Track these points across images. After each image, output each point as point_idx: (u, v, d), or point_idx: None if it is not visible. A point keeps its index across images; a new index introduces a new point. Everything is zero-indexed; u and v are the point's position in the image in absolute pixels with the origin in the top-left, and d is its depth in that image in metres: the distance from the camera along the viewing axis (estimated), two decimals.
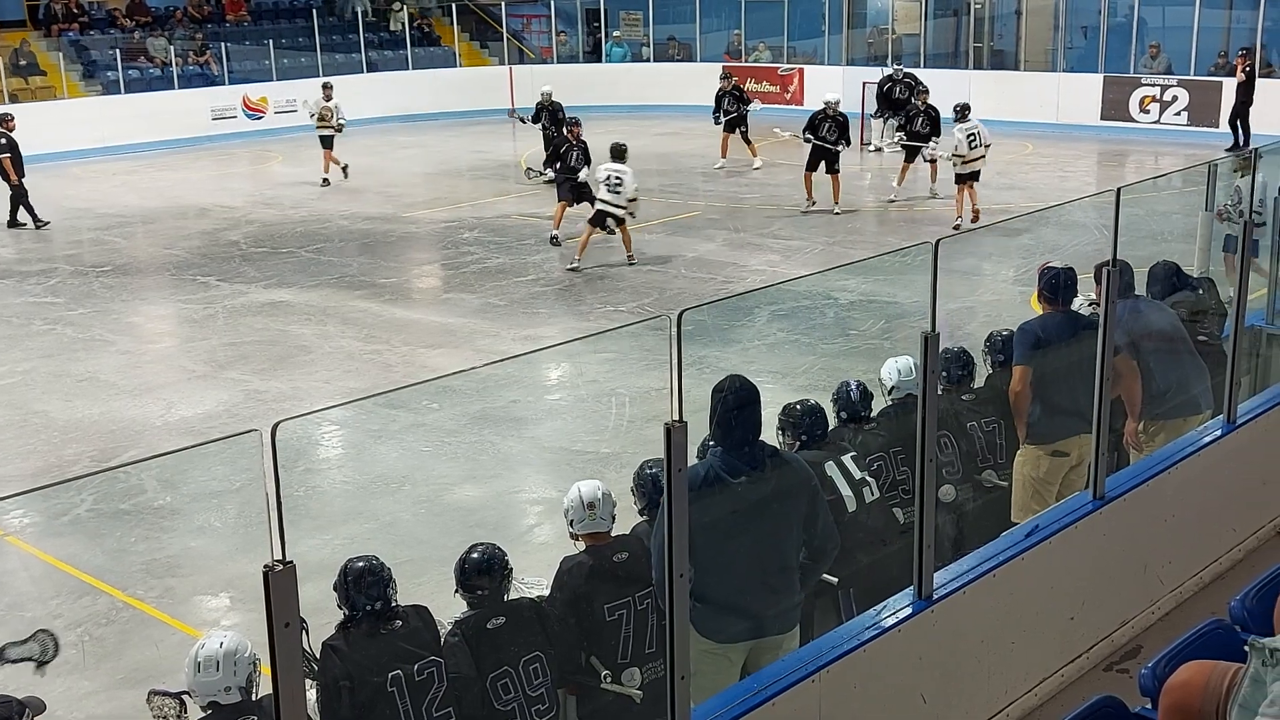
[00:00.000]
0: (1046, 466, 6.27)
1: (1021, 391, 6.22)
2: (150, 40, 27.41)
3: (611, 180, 14.75)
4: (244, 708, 4.29)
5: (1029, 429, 6.26)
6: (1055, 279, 6.30)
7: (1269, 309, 8.20)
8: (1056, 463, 6.26)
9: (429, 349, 11.91)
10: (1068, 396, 6.24)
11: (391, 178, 21.58)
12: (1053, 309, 6.34)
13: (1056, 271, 6.35)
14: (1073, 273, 6.41)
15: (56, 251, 16.59)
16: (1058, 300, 6.33)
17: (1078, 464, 6.24)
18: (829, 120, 17.66)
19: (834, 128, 17.61)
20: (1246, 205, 11.76)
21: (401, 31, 29.72)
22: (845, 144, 17.73)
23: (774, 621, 4.82)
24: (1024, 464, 6.34)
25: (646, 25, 31.43)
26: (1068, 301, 6.37)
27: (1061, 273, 6.36)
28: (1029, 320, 6.54)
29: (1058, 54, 27.10)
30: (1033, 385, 6.22)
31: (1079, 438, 6.19)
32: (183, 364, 11.69)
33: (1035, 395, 6.24)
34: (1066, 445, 6.22)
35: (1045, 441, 6.26)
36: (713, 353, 10.46)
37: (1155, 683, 3.47)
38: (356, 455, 9.53)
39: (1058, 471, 6.26)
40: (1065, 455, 6.24)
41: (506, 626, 4.66)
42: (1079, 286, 6.47)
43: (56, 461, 9.26)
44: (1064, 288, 6.34)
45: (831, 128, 17.60)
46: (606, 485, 5.08)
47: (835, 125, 17.63)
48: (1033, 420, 6.25)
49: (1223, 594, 5.25)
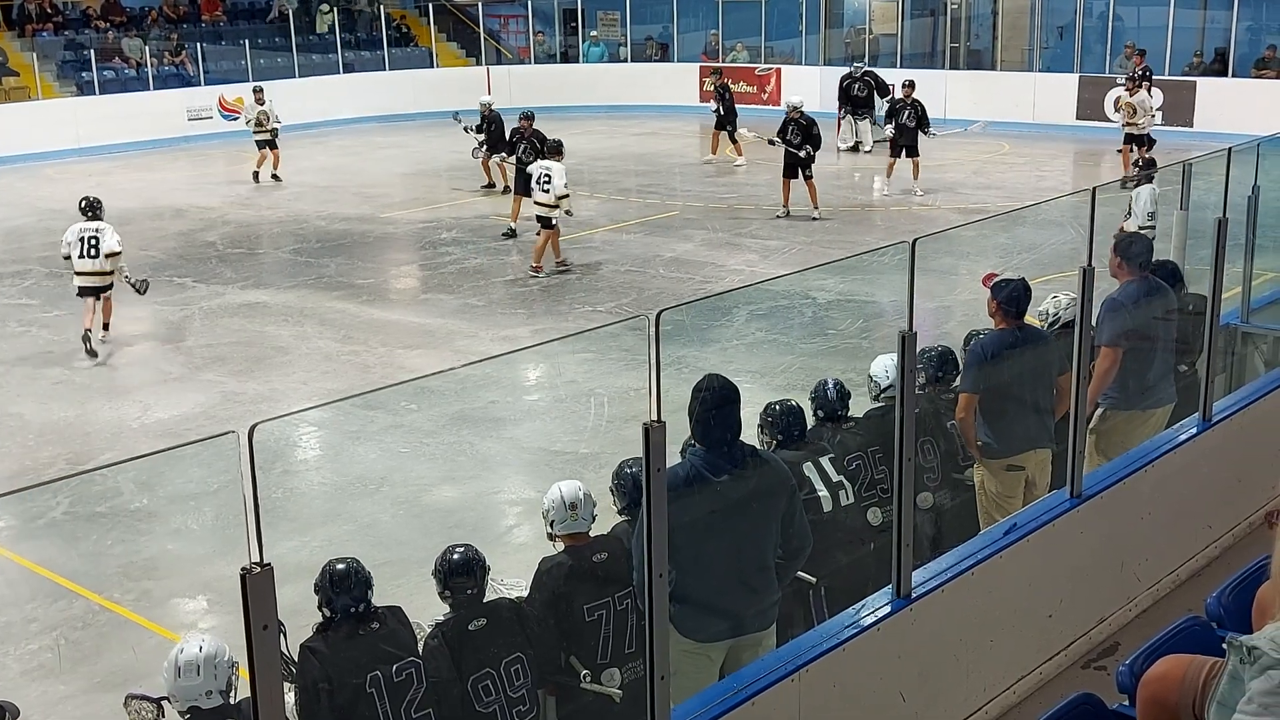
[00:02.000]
0: (1002, 481, 6.24)
1: (965, 419, 6.17)
2: (125, 41, 27.26)
3: (541, 178, 14.42)
4: (224, 711, 4.27)
5: (982, 447, 6.22)
6: (1014, 292, 6.24)
7: (1243, 307, 8.25)
8: (1012, 477, 6.23)
9: (407, 350, 11.88)
10: (1022, 411, 6.25)
11: (369, 178, 21.52)
12: (1007, 323, 6.29)
13: (1014, 285, 6.29)
14: (1025, 284, 6.35)
15: (31, 253, 16.46)
16: (1014, 314, 6.28)
17: (1033, 477, 6.23)
18: (792, 124, 17.19)
19: (796, 131, 17.09)
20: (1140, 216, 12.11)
21: (329, 34, 29.51)
22: (811, 147, 17.07)
23: (753, 620, 4.83)
24: (981, 481, 6.32)
25: (624, 25, 31.43)
26: (1022, 314, 6.34)
27: (1018, 285, 6.31)
28: (979, 339, 6.49)
29: (1034, 54, 27.23)
30: (981, 406, 6.16)
31: (1034, 452, 6.21)
32: (159, 366, 11.64)
33: (989, 412, 6.19)
34: (1021, 460, 6.20)
35: (999, 457, 6.22)
36: (691, 352, 10.47)
37: (1133, 680, 3.49)
38: (334, 457, 9.50)
39: (1014, 485, 6.23)
40: (1020, 470, 6.23)
41: (487, 628, 4.66)
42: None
43: (32, 464, 9.20)
44: (1021, 301, 6.29)
45: (795, 131, 17.11)
46: (586, 485, 5.08)
47: (798, 129, 17.08)
48: (987, 437, 6.22)
49: (1199, 591, 5.29)
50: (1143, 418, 6.69)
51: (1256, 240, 7.86)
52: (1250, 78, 23.61)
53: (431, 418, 9.97)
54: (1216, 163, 6.90)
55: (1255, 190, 7.67)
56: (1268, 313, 8.52)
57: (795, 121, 17.18)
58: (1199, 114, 23.17)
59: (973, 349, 6.39)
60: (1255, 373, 8.03)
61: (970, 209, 17.58)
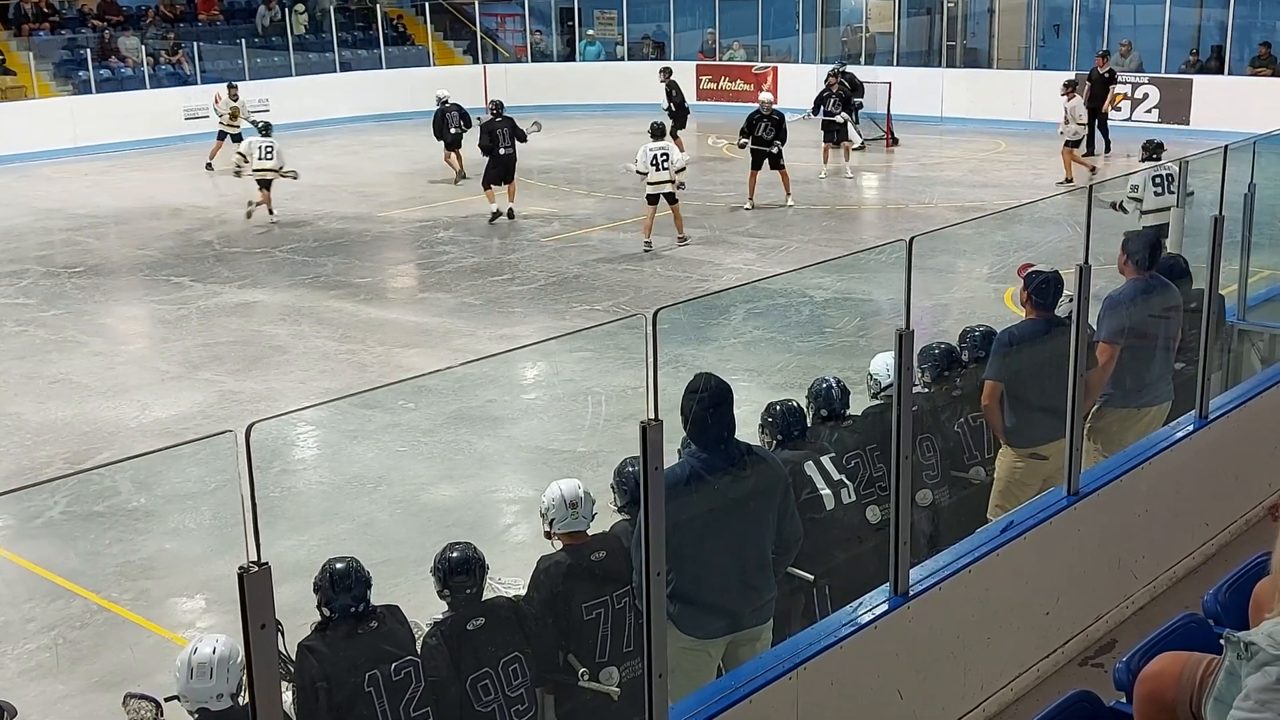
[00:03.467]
0: (1024, 469, 6.29)
1: (990, 405, 6.23)
2: (122, 40, 27.23)
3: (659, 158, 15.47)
4: (233, 714, 4.27)
5: (1008, 432, 6.28)
6: (1044, 283, 6.30)
7: (1240, 305, 8.26)
8: (1034, 465, 6.27)
9: (404, 349, 11.88)
10: (1047, 401, 6.26)
11: (366, 177, 21.51)
12: (1036, 313, 6.35)
13: (1044, 276, 6.35)
14: (1058, 276, 6.41)
15: (28, 252, 16.47)
16: (1044, 305, 6.33)
17: (1058, 468, 6.26)
18: (765, 120, 17.89)
19: (770, 127, 17.84)
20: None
21: (305, 35, 29.48)
22: (781, 142, 17.92)
23: (751, 615, 4.84)
24: (1003, 465, 6.37)
25: (621, 24, 31.42)
26: (1052, 306, 6.38)
27: (1049, 276, 6.36)
28: (1006, 328, 6.55)
29: (1030, 52, 27.24)
30: (1008, 393, 6.23)
31: (1059, 442, 6.23)
32: (157, 365, 11.63)
33: (1015, 399, 6.25)
34: (1046, 449, 6.23)
35: (1024, 445, 6.28)
36: (689, 351, 10.47)
37: (1130, 677, 3.49)
38: (332, 456, 9.50)
39: (1035, 474, 6.27)
40: (1044, 459, 6.25)
41: (486, 627, 4.65)
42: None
43: (29, 464, 9.20)
44: (1052, 292, 6.34)
45: (768, 127, 17.84)
46: (584, 484, 5.07)
47: (771, 124, 17.86)
48: (1012, 424, 6.27)
49: (1196, 588, 5.30)
50: (1138, 415, 6.71)
51: (1253, 238, 7.87)
52: (1246, 75, 23.62)
53: (429, 416, 9.97)
54: (1213, 160, 6.91)
55: (1251, 188, 7.68)
56: (1264, 310, 8.53)
57: (768, 118, 17.94)
58: (1195, 112, 23.19)
59: (1000, 337, 6.44)
60: (1252, 370, 8.04)
61: (967, 207, 17.59)
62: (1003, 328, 6.62)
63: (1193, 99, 23.43)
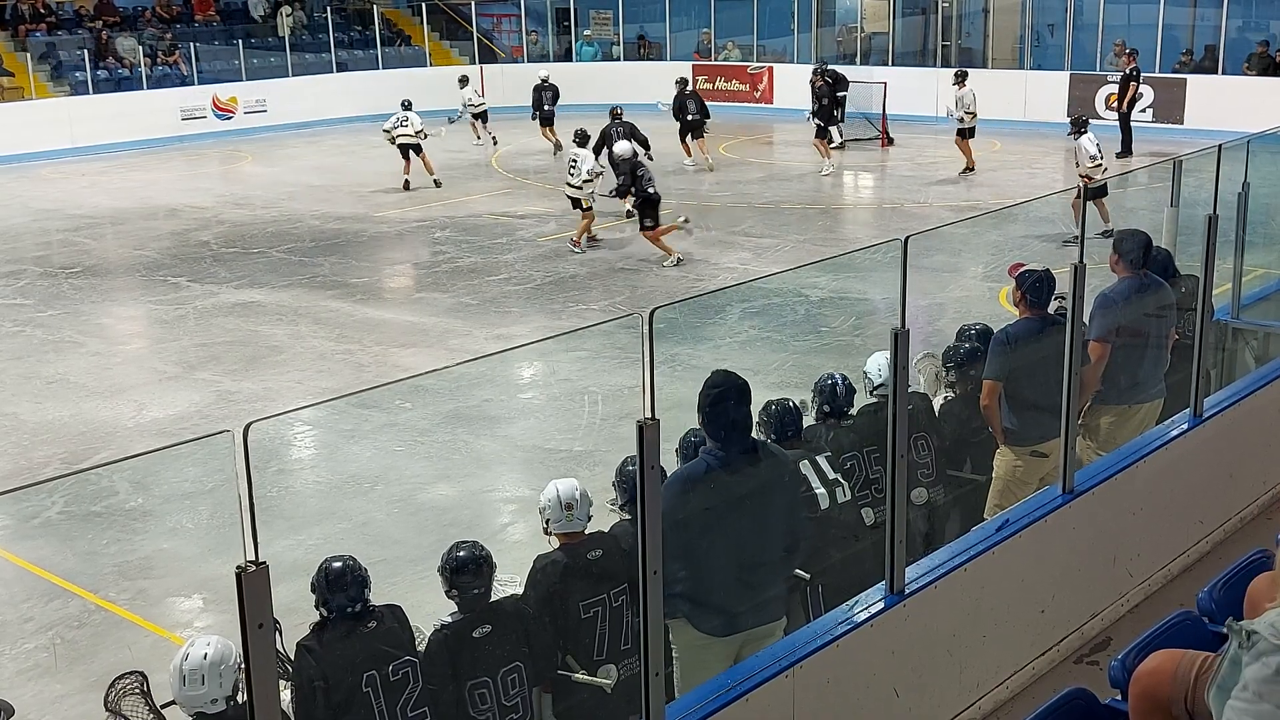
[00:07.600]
0: (1024, 467, 6.31)
1: (989, 405, 6.26)
2: (119, 40, 27.21)
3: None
4: (228, 716, 4.27)
5: (1007, 432, 6.31)
6: (1038, 282, 6.32)
7: (1234, 303, 8.28)
8: (1034, 463, 6.29)
9: (401, 348, 11.89)
10: (1046, 399, 6.28)
11: (363, 177, 21.50)
12: (1031, 312, 6.36)
13: (1037, 275, 6.37)
14: (1050, 274, 6.43)
15: (25, 253, 16.46)
16: (1039, 304, 6.35)
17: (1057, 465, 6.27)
18: (691, 98, 21.37)
19: (698, 107, 21.34)
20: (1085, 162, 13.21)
21: (292, 37, 29.44)
22: (706, 115, 21.41)
23: (765, 611, 4.85)
24: (1002, 464, 6.39)
25: (616, 24, 31.41)
26: (1046, 305, 6.39)
27: (1041, 275, 6.38)
28: (1003, 328, 6.57)
29: (1024, 52, 27.26)
30: (1006, 392, 6.25)
31: (1058, 440, 6.24)
32: (154, 365, 11.64)
33: (1014, 398, 6.27)
34: (1045, 447, 6.25)
35: (1024, 443, 6.30)
36: (685, 350, 10.49)
37: (1125, 674, 3.50)
38: (329, 455, 9.51)
39: (1034, 472, 6.29)
40: (1044, 457, 6.27)
41: (491, 636, 4.65)
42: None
43: (27, 464, 9.20)
44: (1045, 290, 6.36)
45: (697, 107, 21.28)
46: (580, 483, 5.09)
47: (695, 102, 21.38)
48: (1012, 423, 6.29)
49: (1191, 586, 5.30)
50: (1131, 412, 6.73)
51: (1246, 237, 7.89)
52: (1240, 75, 23.66)
53: (426, 416, 9.98)
54: (1207, 160, 6.92)
55: (1245, 187, 7.69)
56: (1258, 309, 8.54)
57: (692, 96, 21.51)
58: (1189, 111, 23.24)
59: (997, 337, 6.46)
60: (1246, 368, 8.05)
61: (962, 206, 17.62)
62: (999, 327, 6.65)
63: (1186, 98, 23.46)
